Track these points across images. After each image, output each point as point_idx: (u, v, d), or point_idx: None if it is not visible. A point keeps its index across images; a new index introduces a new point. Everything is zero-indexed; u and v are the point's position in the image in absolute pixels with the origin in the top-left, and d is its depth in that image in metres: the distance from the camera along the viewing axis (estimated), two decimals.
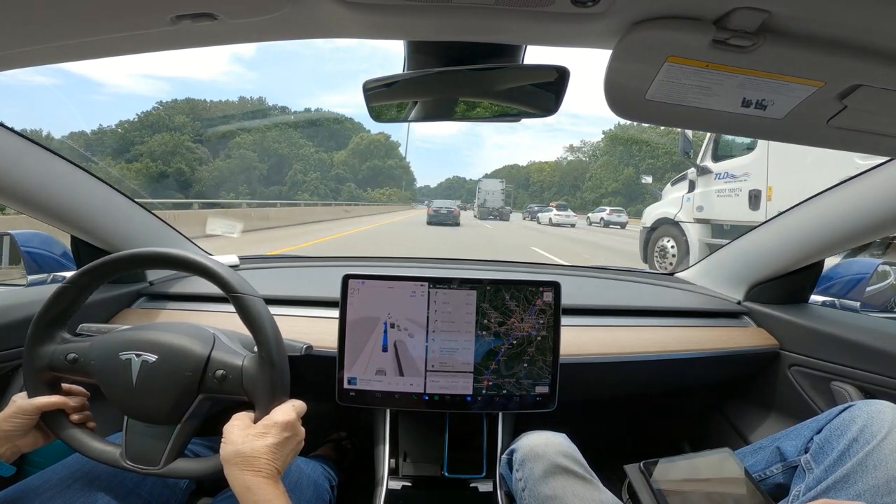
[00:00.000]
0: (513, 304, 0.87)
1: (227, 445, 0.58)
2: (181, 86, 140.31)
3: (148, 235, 1.11)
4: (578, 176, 68.09)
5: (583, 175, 66.95)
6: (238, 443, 0.58)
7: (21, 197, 0.84)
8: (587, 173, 66.19)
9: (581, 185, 66.36)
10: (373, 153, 77.38)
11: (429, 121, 0.75)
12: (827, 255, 1.05)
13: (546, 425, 0.86)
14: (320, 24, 0.50)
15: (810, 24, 0.43)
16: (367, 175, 75.11)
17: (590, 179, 63.89)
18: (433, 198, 76.61)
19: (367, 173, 75.30)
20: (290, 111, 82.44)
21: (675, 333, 1.09)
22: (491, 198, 30.97)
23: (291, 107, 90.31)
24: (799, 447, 0.74)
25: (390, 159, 79.66)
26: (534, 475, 0.74)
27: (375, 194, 70.62)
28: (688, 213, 4.94)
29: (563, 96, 0.64)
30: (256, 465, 0.56)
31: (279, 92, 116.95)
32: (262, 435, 0.58)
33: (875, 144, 0.61)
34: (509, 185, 65.54)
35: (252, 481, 0.55)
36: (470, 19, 0.48)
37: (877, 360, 0.92)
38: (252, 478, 0.55)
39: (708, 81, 0.49)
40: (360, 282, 0.87)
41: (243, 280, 0.65)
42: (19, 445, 0.64)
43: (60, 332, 0.68)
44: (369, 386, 0.87)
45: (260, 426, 0.60)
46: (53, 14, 0.45)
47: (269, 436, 0.58)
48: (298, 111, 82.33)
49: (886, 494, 0.60)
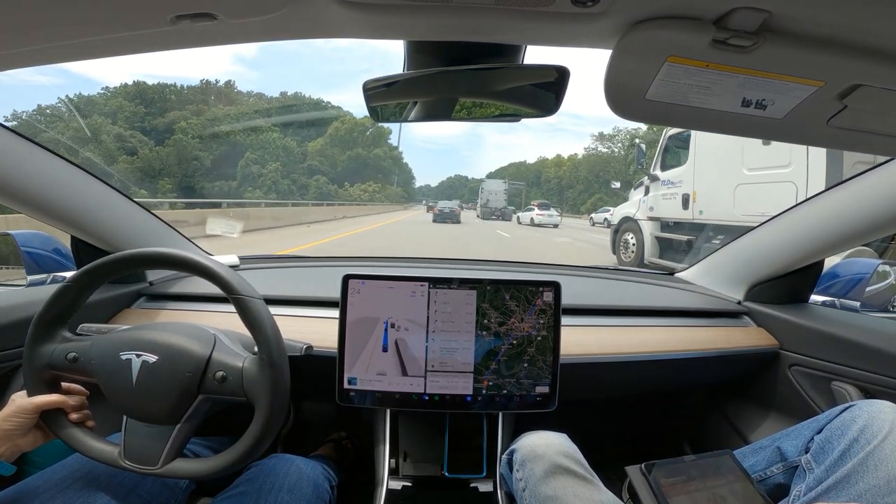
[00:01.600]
0: (513, 304, 0.87)
1: None
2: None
3: (148, 235, 1.11)
4: (610, 170, 51.97)
5: (612, 168, 51.93)
6: None
7: (21, 197, 0.84)
8: (618, 166, 51.09)
9: (596, 181, 53.37)
10: (356, 141, 60.57)
11: (429, 121, 0.75)
12: (827, 254, 1.05)
13: (546, 425, 0.86)
14: (320, 24, 0.50)
15: (810, 24, 0.43)
16: (349, 167, 58.50)
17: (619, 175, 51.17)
18: (433, 198, 73.49)
19: (349, 165, 58.55)
20: (266, 97, 63.98)
21: (674, 333, 1.09)
22: (494, 198, 30.82)
23: (267, 93, 75.87)
24: (799, 447, 0.74)
25: (378, 148, 62.65)
26: (534, 475, 0.74)
27: (355, 191, 55.13)
28: (643, 212, 6.07)
29: (563, 96, 0.64)
30: None
31: (276, 90, 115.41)
32: None
33: (875, 144, 0.61)
34: (519, 183, 58.06)
35: None
36: (470, 19, 0.48)
37: (877, 359, 0.92)
38: None
39: (708, 81, 0.49)
40: (360, 282, 0.87)
41: (244, 281, 0.65)
42: (19, 444, 0.64)
43: (61, 332, 0.68)
44: (369, 386, 0.87)
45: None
46: (53, 14, 0.45)
47: None
48: (273, 96, 65.49)
49: (887, 494, 0.60)
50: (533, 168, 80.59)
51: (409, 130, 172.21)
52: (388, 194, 60.02)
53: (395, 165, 67.25)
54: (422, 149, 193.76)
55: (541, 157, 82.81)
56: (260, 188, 42.67)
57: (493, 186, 31.66)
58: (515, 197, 43.78)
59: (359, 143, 60.83)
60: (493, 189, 31.35)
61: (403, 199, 66.37)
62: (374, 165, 61.55)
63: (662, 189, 5.74)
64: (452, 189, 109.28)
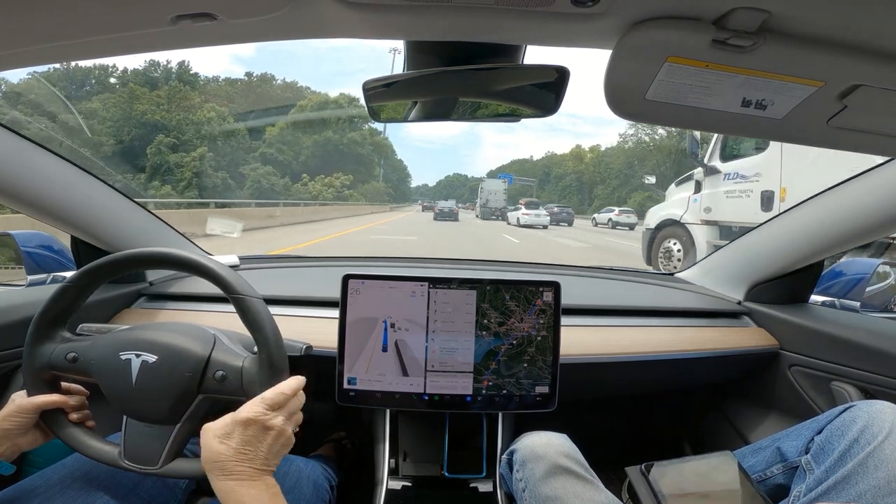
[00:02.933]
0: (513, 304, 0.87)
1: (202, 451, 0.56)
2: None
3: (148, 235, 1.11)
4: (644, 165, 42.39)
5: (645, 162, 42.55)
6: (207, 447, 0.55)
7: (21, 197, 0.84)
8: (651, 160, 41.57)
9: (636, 175, 42.04)
10: (326, 123, 43.20)
11: (429, 121, 0.75)
12: (827, 255, 1.05)
13: (546, 425, 0.86)
14: (320, 25, 0.50)
15: (810, 25, 0.43)
16: (316, 155, 41.87)
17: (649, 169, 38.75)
18: (430, 198, 71.24)
19: (315, 152, 41.95)
20: (219, 80, 46.57)
21: (675, 333, 1.09)
22: (494, 198, 30.37)
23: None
24: (799, 447, 0.74)
25: (353, 132, 45.63)
26: (535, 475, 0.74)
27: (317, 186, 38.81)
28: (694, 214, 4.83)
29: (562, 96, 0.64)
30: (228, 469, 0.54)
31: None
32: (225, 437, 0.56)
33: (875, 144, 0.61)
34: (529, 179, 54.12)
35: (226, 485, 0.53)
36: (470, 19, 0.48)
37: (877, 360, 0.92)
38: (225, 482, 0.53)
39: (708, 81, 0.49)
40: (360, 282, 0.87)
41: (244, 281, 0.65)
42: (19, 444, 0.64)
43: (61, 332, 0.68)
44: (369, 386, 0.87)
45: (222, 428, 0.56)
46: (53, 14, 0.45)
47: (232, 437, 0.55)
48: (236, 78, 48.85)
49: (888, 495, 0.60)
50: (540, 164, 71.38)
51: (407, 129, 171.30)
52: (366, 191, 44.65)
53: (377, 154, 49.96)
54: (419, 148, 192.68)
55: (549, 153, 74.53)
56: (180, 182, 29.31)
57: (493, 186, 31.27)
58: (522, 195, 40.81)
59: (330, 126, 43.27)
60: (492, 189, 30.93)
61: (390, 198, 52.02)
62: (350, 154, 44.60)
63: (725, 185, 4.52)
64: (451, 188, 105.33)
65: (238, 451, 0.55)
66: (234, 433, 0.56)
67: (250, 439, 0.56)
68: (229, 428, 0.56)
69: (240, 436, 0.55)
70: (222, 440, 0.55)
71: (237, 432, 0.56)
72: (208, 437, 0.56)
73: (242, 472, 0.54)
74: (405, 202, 62.64)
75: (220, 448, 0.55)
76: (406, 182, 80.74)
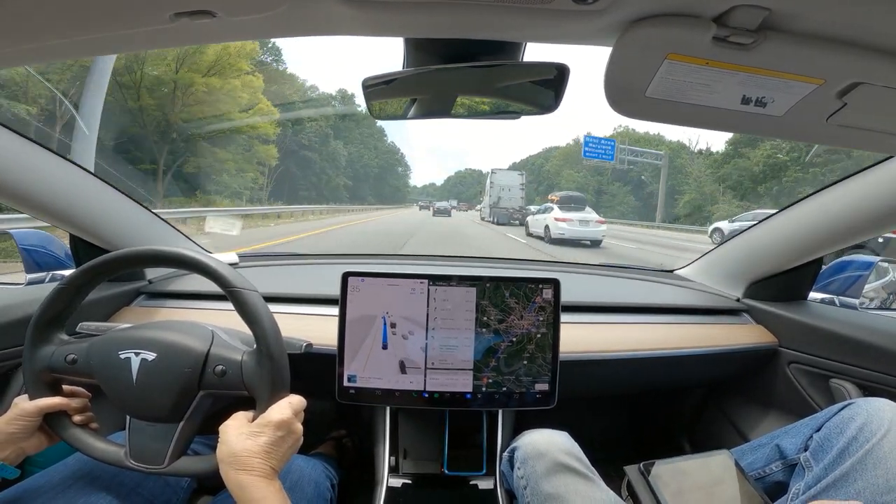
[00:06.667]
0: (512, 302, 0.87)
1: (222, 445, 0.58)
2: None
3: (147, 234, 1.11)
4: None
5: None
6: (232, 442, 0.58)
7: (21, 196, 0.84)
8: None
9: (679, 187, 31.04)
10: (225, 67, 17.32)
11: (428, 118, 0.75)
12: (826, 251, 1.05)
13: (546, 423, 0.86)
14: (320, 22, 0.50)
15: (810, 22, 0.43)
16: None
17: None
18: (437, 197, 70.35)
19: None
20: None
21: (673, 330, 1.10)
22: (507, 195, 21.85)
23: None
24: (798, 445, 0.74)
25: (284, 84, 30.95)
26: (536, 473, 0.74)
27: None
28: None
29: (562, 94, 0.64)
30: (250, 464, 0.56)
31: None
32: (256, 434, 0.58)
33: (874, 142, 0.61)
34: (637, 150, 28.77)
35: (245, 480, 0.55)
36: (470, 16, 0.48)
37: (875, 357, 0.93)
38: (245, 477, 0.55)
39: (708, 79, 0.49)
40: (359, 279, 0.87)
41: (239, 275, 0.65)
42: (24, 448, 0.64)
43: (58, 334, 0.68)
44: (369, 384, 0.87)
45: (255, 425, 0.60)
46: (52, 12, 0.45)
47: (262, 435, 0.58)
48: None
49: (886, 492, 0.60)
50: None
51: (408, 129, 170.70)
52: (328, 188, 27.64)
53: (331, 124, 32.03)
54: (424, 146, 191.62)
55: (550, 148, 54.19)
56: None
57: (507, 180, 22.55)
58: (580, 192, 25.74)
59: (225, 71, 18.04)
60: (506, 183, 22.24)
61: (350, 198, 36.37)
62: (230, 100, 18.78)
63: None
64: (463, 186, 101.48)
65: (264, 450, 0.58)
66: (265, 432, 0.59)
67: (278, 440, 0.59)
68: (259, 427, 0.59)
69: (270, 435, 0.59)
70: (250, 437, 0.58)
71: (268, 431, 0.59)
72: (233, 434, 0.59)
73: (262, 469, 0.56)
74: (397, 203, 51.48)
75: (248, 444, 0.57)
76: (404, 179, 70.94)
